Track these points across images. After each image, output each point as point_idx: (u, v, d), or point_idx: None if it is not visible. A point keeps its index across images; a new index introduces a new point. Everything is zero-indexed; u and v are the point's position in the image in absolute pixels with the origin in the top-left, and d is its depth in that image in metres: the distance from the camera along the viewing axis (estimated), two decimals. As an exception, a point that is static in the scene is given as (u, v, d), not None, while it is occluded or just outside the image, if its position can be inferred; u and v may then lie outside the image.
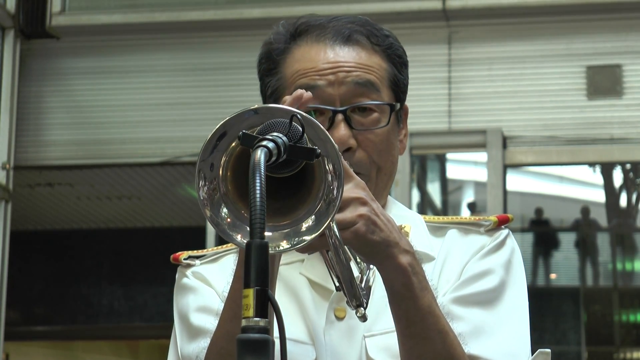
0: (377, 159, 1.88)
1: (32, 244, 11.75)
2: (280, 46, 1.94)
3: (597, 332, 13.34)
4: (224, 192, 1.55)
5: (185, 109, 8.64)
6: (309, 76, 1.88)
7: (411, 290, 1.67)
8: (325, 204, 1.53)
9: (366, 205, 1.63)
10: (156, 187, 10.20)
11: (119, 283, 11.94)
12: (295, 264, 1.91)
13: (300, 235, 1.53)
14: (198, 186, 1.53)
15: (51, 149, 8.88)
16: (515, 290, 1.88)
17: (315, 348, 1.83)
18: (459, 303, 1.82)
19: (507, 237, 1.93)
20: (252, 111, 1.53)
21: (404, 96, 1.97)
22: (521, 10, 8.28)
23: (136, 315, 11.94)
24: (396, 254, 1.65)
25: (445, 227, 1.96)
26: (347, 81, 1.87)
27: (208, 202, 1.54)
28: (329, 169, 1.53)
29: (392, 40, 1.95)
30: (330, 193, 1.53)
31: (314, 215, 1.54)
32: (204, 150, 1.53)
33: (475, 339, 1.79)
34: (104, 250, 11.97)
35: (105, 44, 8.86)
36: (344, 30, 1.92)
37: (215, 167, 1.54)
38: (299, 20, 1.96)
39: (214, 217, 1.54)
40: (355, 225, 1.61)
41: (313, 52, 1.90)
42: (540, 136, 8.18)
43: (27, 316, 12.13)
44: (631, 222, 14.80)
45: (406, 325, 1.69)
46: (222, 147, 1.53)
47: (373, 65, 1.90)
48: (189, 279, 1.96)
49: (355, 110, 1.88)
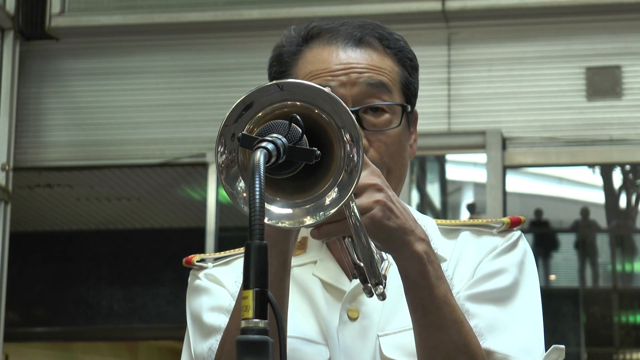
0: (387, 160, 1.89)
1: (32, 245, 11.75)
2: (292, 49, 1.95)
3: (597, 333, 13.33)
4: (242, 162, 1.56)
5: (184, 110, 8.64)
6: (321, 77, 1.89)
7: (427, 279, 1.68)
8: (347, 174, 1.56)
9: (382, 191, 1.65)
10: (155, 188, 10.20)
11: (118, 284, 11.93)
12: (308, 266, 1.92)
13: (324, 210, 1.56)
14: (217, 150, 1.55)
15: (51, 150, 8.88)
16: (528, 289, 1.90)
17: (329, 348, 1.84)
18: (472, 300, 1.84)
19: (520, 239, 1.95)
20: (278, 86, 1.55)
21: (415, 100, 2.00)
22: (520, 11, 8.28)
23: (135, 317, 11.94)
24: (412, 242, 1.67)
25: (457, 230, 1.98)
26: (359, 82, 1.88)
27: (224, 171, 1.56)
28: (347, 138, 1.55)
29: (403, 44, 1.98)
30: (351, 161, 1.55)
31: (336, 187, 1.56)
32: (228, 117, 1.55)
33: (490, 334, 1.80)
34: (103, 252, 11.97)
35: (104, 45, 8.87)
36: (356, 33, 1.93)
37: (236, 137, 1.55)
38: (311, 24, 1.98)
39: (228, 187, 1.56)
40: (372, 210, 1.62)
41: (325, 54, 1.91)
42: (539, 137, 8.19)
43: (26, 317, 12.13)
44: (631, 223, 14.80)
45: (422, 315, 1.70)
46: (246, 118, 1.55)
47: (385, 67, 1.92)
48: (201, 281, 1.96)
49: (367, 111, 1.89)
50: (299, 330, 1.83)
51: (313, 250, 1.93)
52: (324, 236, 1.65)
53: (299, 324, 1.84)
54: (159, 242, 11.62)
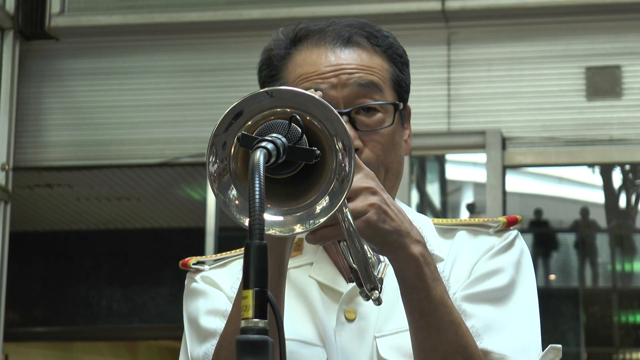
0: (383, 159, 1.88)
1: (32, 245, 11.74)
2: (280, 52, 1.94)
3: (597, 333, 13.33)
4: (233, 170, 1.56)
5: (184, 109, 8.64)
6: (311, 80, 1.88)
7: (423, 281, 1.68)
8: (338, 182, 1.55)
9: (377, 194, 1.64)
10: (155, 188, 10.20)
11: (118, 284, 11.93)
12: (305, 267, 1.92)
13: (314, 218, 1.55)
14: (208, 160, 1.55)
15: (50, 150, 8.88)
16: (525, 288, 1.90)
17: (326, 349, 1.83)
18: (469, 300, 1.84)
19: (517, 238, 1.94)
20: (267, 94, 1.54)
21: (407, 96, 1.98)
22: (520, 11, 8.28)
23: (135, 317, 11.94)
24: (408, 244, 1.66)
25: (454, 229, 1.97)
26: (349, 83, 1.88)
27: (216, 180, 1.55)
28: (339, 147, 1.55)
29: (392, 41, 1.96)
30: (343, 170, 1.54)
31: (327, 195, 1.55)
32: (218, 126, 1.54)
33: (487, 334, 1.80)
34: (103, 252, 11.97)
35: (104, 45, 8.86)
36: (344, 32, 1.92)
37: (227, 145, 1.55)
38: (298, 26, 1.97)
39: (221, 196, 1.55)
40: (367, 214, 1.62)
41: (314, 56, 1.91)
42: (539, 137, 8.19)
43: (26, 317, 12.13)
44: (630, 223, 14.80)
45: (419, 317, 1.70)
46: (236, 127, 1.55)
47: (375, 66, 1.91)
48: (198, 284, 1.96)
49: (359, 112, 1.88)
50: (296, 332, 1.83)
51: (309, 252, 1.92)
52: (319, 240, 1.64)
53: (296, 326, 1.84)
54: (159, 242, 11.62)
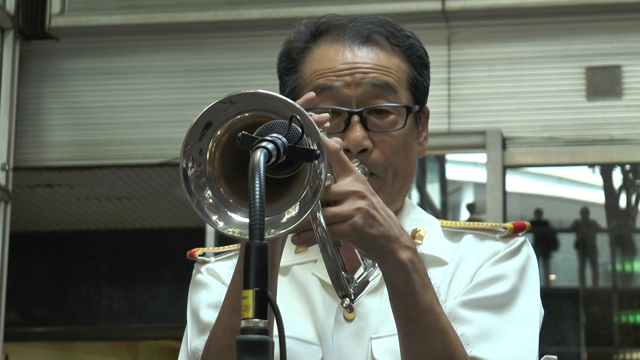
0: (392, 161, 1.87)
1: (32, 245, 11.74)
2: (300, 45, 1.93)
3: (597, 333, 13.32)
4: (209, 173, 1.56)
5: (184, 110, 8.64)
6: (326, 77, 1.87)
7: (412, 287, 1.66)
8: (311, 191, 1.53)
9: (365, 199, 1.62)
10: (155, 188, 10.20)
11: (118, 284, 11.93)
12: (308, 264, 1.91)
13: (276, 227, 1.53)
14: (182, 165, 1.55)
15: (51, 150, 8.88)
16: (527, 297, 1.87)
17: (322, 348, 1.83)
18: (468, 306, 1.82)
19: (523, 245, 1.92)
20: (228, 101, 1.54)
21: (424, 98, 1.96)
22: (520, 11, 8.28)
23: (135, 317, 11.94)
24: (396, 250, 1.64)
25: (461, 233, 1.95)
26: (363, 82, 1.87)
27: (192, 181, 1.55)
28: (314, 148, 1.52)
29: (413, 41, 1.95)
30: (317, 179, 1.52)
31: (298, 203, 1.53)
32: (190, 137, 1.54)
33: (482, 342, 1.78)
34: (103, 252, 11.97)
35: (104, 45, 8.86)
36: (363, 30, 1.92)
37: (203, 152, 1.55)
38: (321, 19, 1.96)
39: (196, 195, 1.55)
40: (353, 218, 1.60)
41: (331, 52, 1.90)
42: (539, 137, 8.19)
43: (26, 317, 12.13)
44: (631, 223, 14.79)
45: (406, 323, 1.69)
46: (209, 135, 1.55)
47: (391, 66, 1.90)
48: (202, 275, 1.97)
49: (371, 112, 1.87)
50: (294, 330, 1.82)
51: (314, 249, 1.90)
52: (303, 242, 1.63)
53: (295, 324, 1.83)
54: (159, 242, 11.62)
